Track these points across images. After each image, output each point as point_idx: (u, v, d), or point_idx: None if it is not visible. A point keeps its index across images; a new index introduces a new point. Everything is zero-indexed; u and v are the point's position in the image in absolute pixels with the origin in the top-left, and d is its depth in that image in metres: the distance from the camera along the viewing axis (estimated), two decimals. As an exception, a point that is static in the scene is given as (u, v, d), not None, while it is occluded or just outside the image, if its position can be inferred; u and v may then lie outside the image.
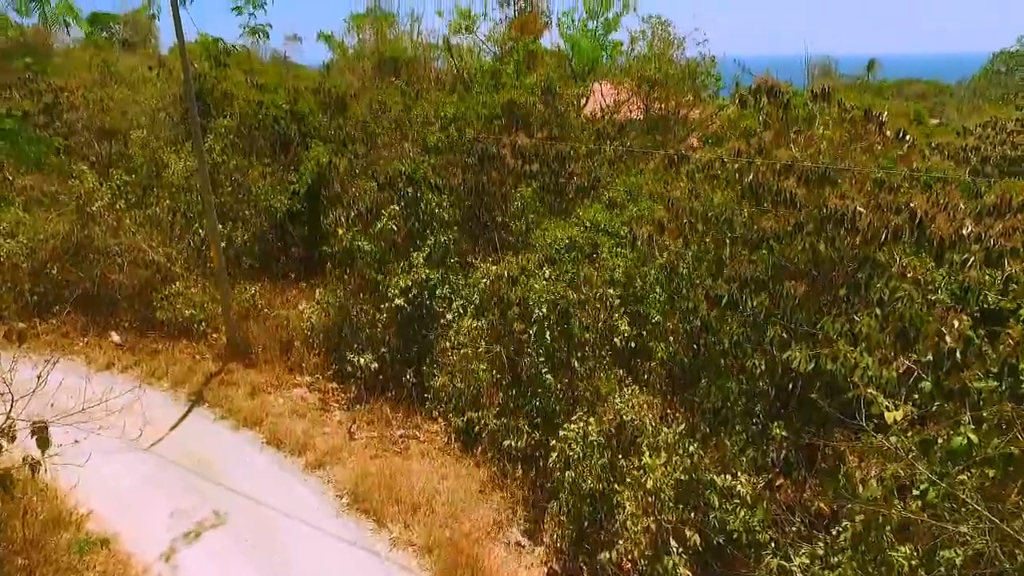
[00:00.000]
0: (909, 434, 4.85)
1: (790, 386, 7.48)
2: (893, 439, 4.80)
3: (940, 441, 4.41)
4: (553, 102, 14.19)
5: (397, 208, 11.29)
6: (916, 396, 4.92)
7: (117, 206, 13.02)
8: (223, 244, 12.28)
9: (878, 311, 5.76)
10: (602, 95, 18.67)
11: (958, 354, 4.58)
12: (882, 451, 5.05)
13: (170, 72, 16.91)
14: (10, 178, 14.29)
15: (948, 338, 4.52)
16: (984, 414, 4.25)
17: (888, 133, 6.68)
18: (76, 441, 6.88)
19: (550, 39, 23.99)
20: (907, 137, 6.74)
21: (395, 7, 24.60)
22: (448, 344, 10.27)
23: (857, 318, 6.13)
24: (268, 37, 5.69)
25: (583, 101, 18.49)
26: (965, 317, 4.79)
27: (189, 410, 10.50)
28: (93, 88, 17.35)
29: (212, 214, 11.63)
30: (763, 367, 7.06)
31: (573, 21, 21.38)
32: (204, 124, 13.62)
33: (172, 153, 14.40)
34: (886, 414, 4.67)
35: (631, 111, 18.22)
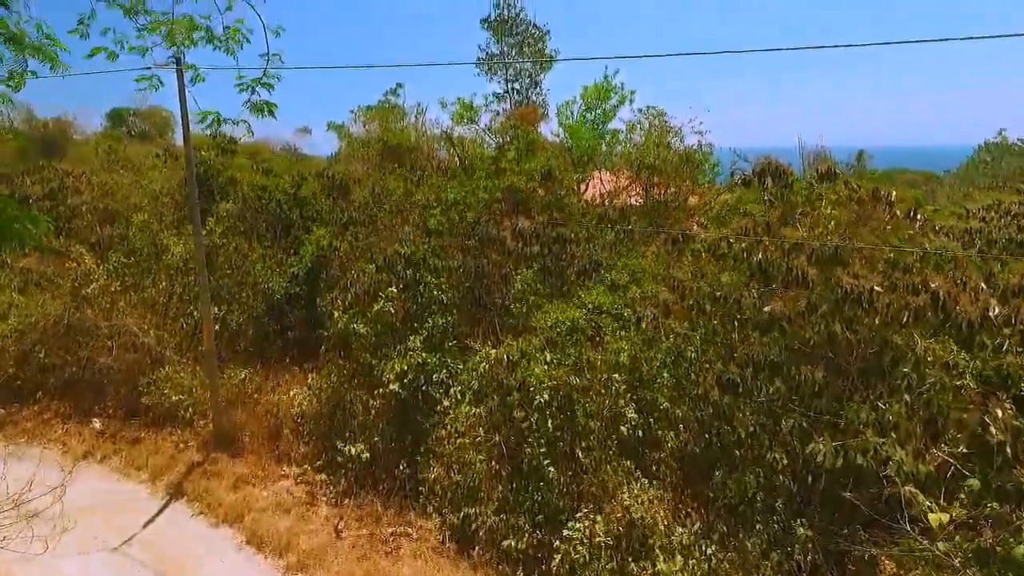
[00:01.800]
0: (957, 539, 4.30)
1: (810, 479, 6.92)
2: (941, 545, 4.24)
3: (999, 550, 3.87)
4: (553, 187, 14.33)
5: (395, 290, 11.07)
6: (962, 495, 4.40)
7: (112, 288, 12.84)
8: (217, 327, 11.97)
9: (907, 398, 5.33)
10: (601, 181, 18.98)
11: (1008, 448, 4.13)
12: (927, 558, 4.48)
13: (176, 158, 17.29)
14: (8, 261, 14.23)
15: (993, 429, 4.08)
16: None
17: (898, 213, 6.51)
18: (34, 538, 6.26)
19: (549, 129, 24.82)
20: (919, 216, 6.57)
21: (401, 99, 25.49)
22: (444, 433, 9.71)
23: (882, 405, 5.70)
24: (274, 116, 5.65)
25: (582, 187, 18.79)
26: (1008, 405, 4.37)
27: (165, 505, 9.79)
28: (99, 173, 17.68)
29: (206, 296, 11.39)
30: (784, 460, 6.52)
31: (571, 112, 22.10)
32: (207, 208, 13.69)
33: (173, 236, 14.40)
34: (930, 516, 4.15)
35: (630, 197, 18.45)
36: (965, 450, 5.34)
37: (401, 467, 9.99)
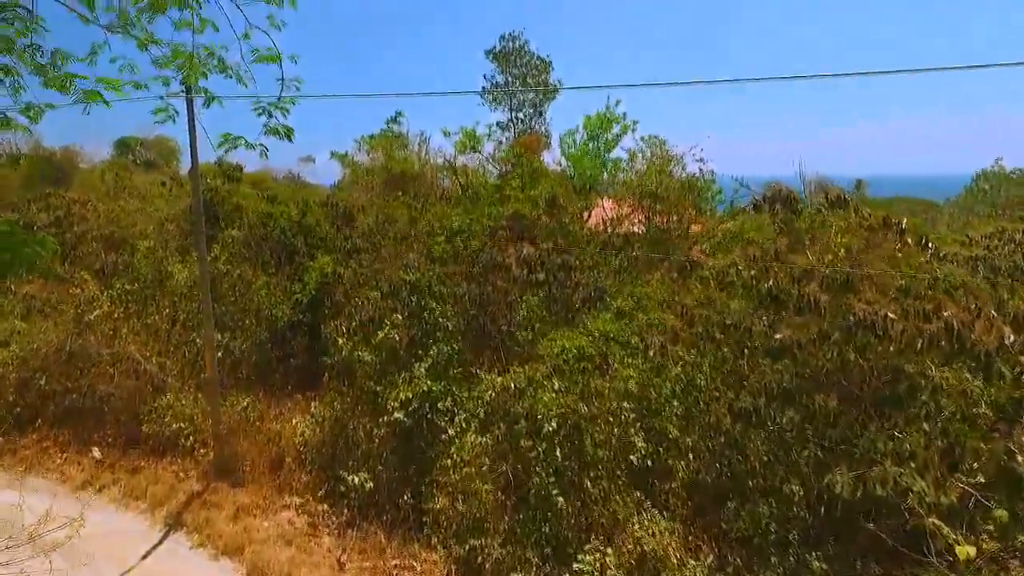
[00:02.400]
0: (985, 573, 4.17)
1: (824, 510, 6.77)
2: (969, 580, 4.12)
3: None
4: (558, 214, 14.38)
5: (400, 317, 11.01)
6: (990, 526, 4.29)
7: (115, 314, 12.79)
8: (220, 354, 11.89)
9: (925, 427, 5.24)
10: (604, 209, 19.07)
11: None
12: (954, 593, 4.34)
13: (181, 185, 17.41)
14: (12, 287, 14.22)
15: (1020, 458, 3.99)
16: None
17: (909, 240, 6.50)
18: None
19: (552, 158, 24.99)
20: (929, 244, 6.56)
21: (402, 128, 25.79)
22: (450, 462, 9.54)
23: (899, 434, 5.60)
24: (291, 139, 5.69)
25: (586, 215, 18.87)
26: (1033, 434, 4.29)
27: (164, 536, 9.58)
28: (105, 200, 17.79)
29: (210, 323, 11.33)
30: (800, 490, 6.38)
31: (574, 141, 22.35)
32: (212, 234, 13.72)
33: (177, 263, 14.41)
34: (957, 549, 4.03)
35: (633, 224, 18.51)
36: (983, 480, 5.23)
37: (405, 497, 9.80)
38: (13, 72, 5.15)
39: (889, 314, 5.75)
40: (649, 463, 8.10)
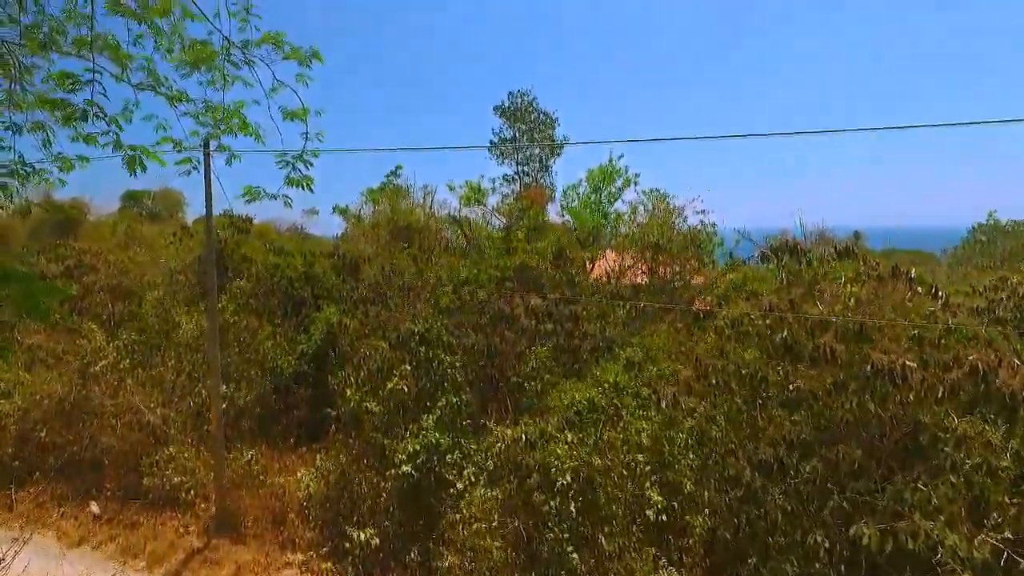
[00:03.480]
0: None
1: (844, 567, 6.58)
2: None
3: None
4: (564, 266, 14.53)
5: (408, 368, 10.96)
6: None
7: (121, 365, 12.71)
8: (224, 405, 11.76)
9: (951, 478, 5.17)
10: (608, 261, 19.27)
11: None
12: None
13: (191, 236, 17.61)
14: (19, 337, 14.18)
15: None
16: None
17: (919, 289, 6.57)
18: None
19: (555, 210, 25.42)
20: (940, 294, 6.62)
21: (403, 180, 26.29)
22: (458, 517, 9.30)
23: (923, 487, 5.51)
24: (312, 190, 5.86)
25: (590, 267, 19.05)
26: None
27: (163, 596, 9.25)
28: (115, 251, 17.96)
29: (217, 377, 11.25)
30: (825, 542, 6.22)
31: (577, 194, 22.78)
32: (220, 285, 13.80)
33: (184, 314, 14.43)
34: (997, 606, 3.91)
35: (636, 276, 18.66)
36: (1010, 535, 5.13)
37: (412, 554, 9.52)
38: (45, 128, 5.35)
39: (907, 362, 5.75)
40: (664, 518, 7.91)
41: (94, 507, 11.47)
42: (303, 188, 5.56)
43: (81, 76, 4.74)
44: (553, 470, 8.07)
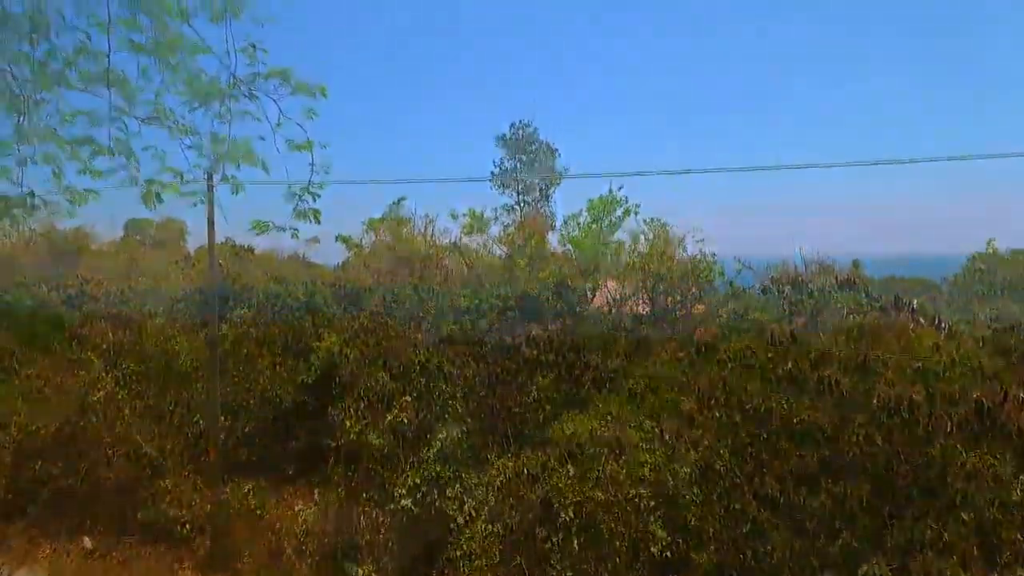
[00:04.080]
0: None
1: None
2: None
3: None
4: (565, 295, 14.54)
5: (409, 399, 10.88)
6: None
7: (119, 395, 12.61)
8: (222, 436, 11.63)
9: (964, 516, 5.07)
10: (608, 290, 19.29)
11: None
12: None
13: (193, 265, 17.67)
14: (17, 368, 14.08)
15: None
16: None
17: (922, 320, 6.56)
18: None
19: (556, 240, 25.56)
20: (943, 324, 6.61)
21: (404, 211, 26.52)
22: (459, 552, 9.12)
23: (933, 525, 5.40)
24: (319, 221, 5.96)
25: (591, 296, 19.07)
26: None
27: (155, 635, 9.01)
28: (116, 280, 17.99)
29: (216, 406, 11.17)
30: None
31: (578, 224, 22.90)
32: (222, 314, 13.78)
33: (184, 343, 14.37)
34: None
35: (636, 305, 18.67)
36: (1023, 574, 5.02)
37: (412, 592, 9.31)
38: (54, 160, 5.41)
39: (914, 396, 5.70)
40: (668, 554, 7.75)
41: (87, 541, 11.27)
42: (311, 220, 5.61)
43: (95, 112, 4.83)
44: (555, 504, 7.93)
